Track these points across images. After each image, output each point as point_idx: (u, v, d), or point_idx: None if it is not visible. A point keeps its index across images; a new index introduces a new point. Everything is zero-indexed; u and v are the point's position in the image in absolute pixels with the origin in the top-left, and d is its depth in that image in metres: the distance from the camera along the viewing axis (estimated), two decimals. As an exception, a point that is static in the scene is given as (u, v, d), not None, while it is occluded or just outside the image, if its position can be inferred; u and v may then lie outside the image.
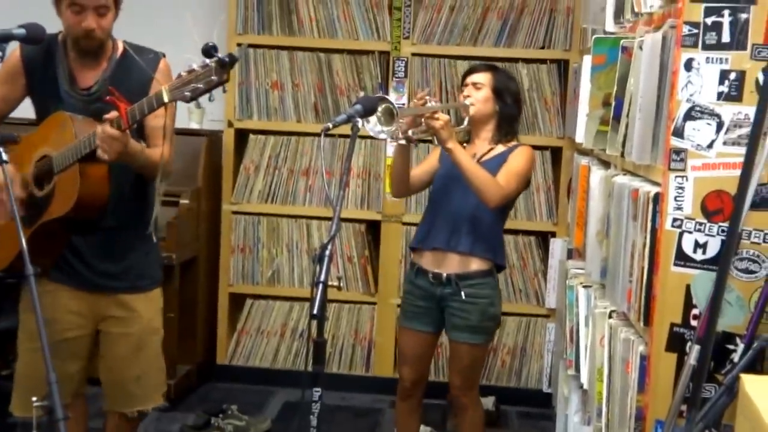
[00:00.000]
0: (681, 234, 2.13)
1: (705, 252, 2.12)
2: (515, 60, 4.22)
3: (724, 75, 2.08)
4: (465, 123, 3.09)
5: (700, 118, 2.10)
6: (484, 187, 2.82)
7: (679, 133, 2.12)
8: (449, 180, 3.00)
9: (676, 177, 2.13)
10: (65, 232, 2.62)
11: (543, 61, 4.27)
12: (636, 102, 2.33)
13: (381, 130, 2.58)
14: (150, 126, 2.62)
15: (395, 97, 4.21)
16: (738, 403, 1.37)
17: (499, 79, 3.07)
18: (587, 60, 3.19)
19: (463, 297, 2.96)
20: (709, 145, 2.11)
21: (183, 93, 2.21)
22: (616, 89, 2.61)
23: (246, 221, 4.44)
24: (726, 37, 2.08)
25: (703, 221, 2.12)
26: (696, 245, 2.13)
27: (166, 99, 2.27)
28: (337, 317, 4.41)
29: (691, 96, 2.10)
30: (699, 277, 2.12)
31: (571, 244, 3.73)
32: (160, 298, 2.85)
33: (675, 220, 2.14)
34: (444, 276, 2.99)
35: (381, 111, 2.58)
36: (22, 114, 2.80)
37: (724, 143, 2.10)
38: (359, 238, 4.38)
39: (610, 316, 2.62)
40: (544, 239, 4.32)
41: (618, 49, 2.60)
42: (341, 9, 4.32)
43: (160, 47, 2.76)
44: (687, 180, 2.12)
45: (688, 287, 2.14)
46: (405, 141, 2.93)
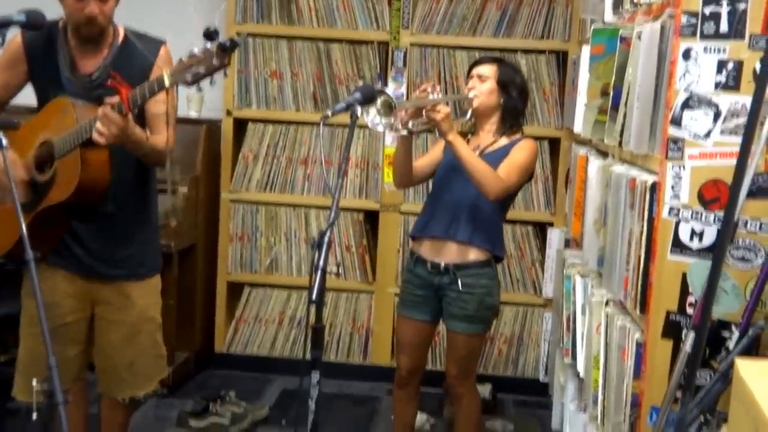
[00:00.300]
0: (678, 223, 2.15)
1: (701, 240, 2.14)
2: (514, 50, 4.23)
3: (722, 65, 2.10)
4: (468, 115, 3.10)
5: (697, 107, 2.12)
6: (484, 180, 2.83)
7: (677, 123, 2.14)
8: (451, 170, 3.01)
9: (673, 166, 2.14)
10: (65, 217, 2.63)
11: (542, 52, 4.27)
12: (634, 91, 2.35)
13: (379, 122, 2.59)
14: (151, 113, 2.63)
15: (394, 87, 4.22)
16: (732, 387, 1.39)
17: (505, 72, 3.07)
18: (586, 50, 3.21)
19: (460, 287, 2.97)
20: (707, 135, 2.12)
21: (184, 77, 2.21)
22: (614, 79, 2.62)
23: (244, 209, 4.45)
24: (724, 27, 2.09)
25: (700, 210, 2.14)
26: (692, 234, 2.15)
27: (167, 83, 2.27)
28: (335, 306, 4.43)
29: (689, 85, 2.12)
30: (695, 266, 2.15)
31: (569, 233, 3.74)
32: (157, 286, 2.86)
33: (672, 208, 2.16)
34: (442, 265, 3.01)
35: (380, 104, 2.59)
36: (23, 101, 2.81)
37: (721, 132, 2.12)
38: (357, 227, 4.40)
39: (606, 304, 2.65)
40: (541, 229, 4.33)
41: (617, 39, 2.62)
42: (340, -2, 4.33)
43: (160, 36, 2.76)
44: (684, 169, 2.14)
45: (684, 275, 2.16)
46: (407, 133, 2.94)
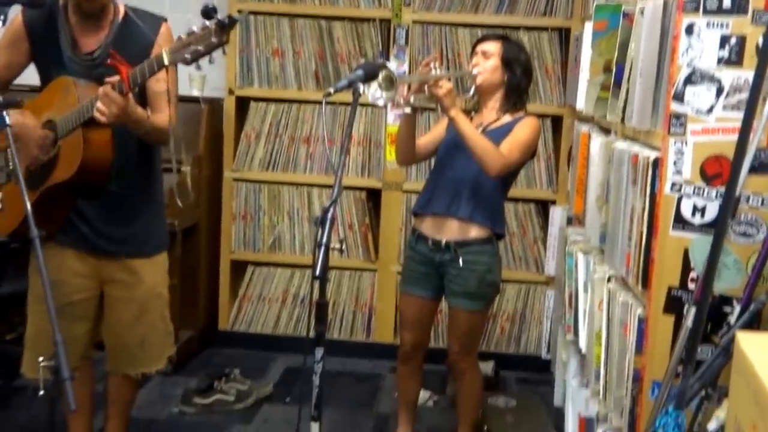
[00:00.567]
0: (680, 198, 2.16)
1: (703, 216, 2.15)
2: (516, 28, 4.21)
3: (724, 40, 2.10)
4: (471, 91, 3.09)
5: (700, 83, 2.12)
6: (485, 156, 2.83)
7: (679, 98, 2.14)
8: (453, 147, 3.01)
9: (675, 142, 2.14)
10: (70, 196, 2.64)
11: (544, 29, 4.26)
12: (637, 67, 2.34)
13: (380, 96, 2.59)
14: (152, 91, 2.63)
15: (396, 65, 4.21)
16: (733, 360, 1.40)
17: (509, 49, 3.06)
18: (588, 27, 3.20)
19: (461, 264, 2.99)
20: (709, 110, 2.12)
21: (183, 55, 2.21)
22: (617, 55, 2.62)
23: (247, 188, 4.45)
24: (727, 2, 2.09)
25: (702, 185, 2.14)
26: (694, 209, 2.16)
27: (166, 61, 2.27)
28: (338, 284, 4.45)
29: (692, 61, 2.12)
30: (697, 241, 2.15)
31: (571, 211, 3.75)
32: (165, 262, 2.88)
33: (674, 184, 2.16)
34: (443, 242, 3.02)
35: (382, 78, 2.59)
36: (26, 80, 2.82)
37: (723, 108, 2.12)
38: (360, 205, 4.40)
39: (608, 280, 2.65)
40: (544, 207, 4.34)
41: (619, 15, 2.61)
42: (342, -24, 4.31)
43: (161, 12, 2.75)
44: (686, 145, 2.14)
45: (686, 251, 2.17)
46: (409, 109, 2.94)
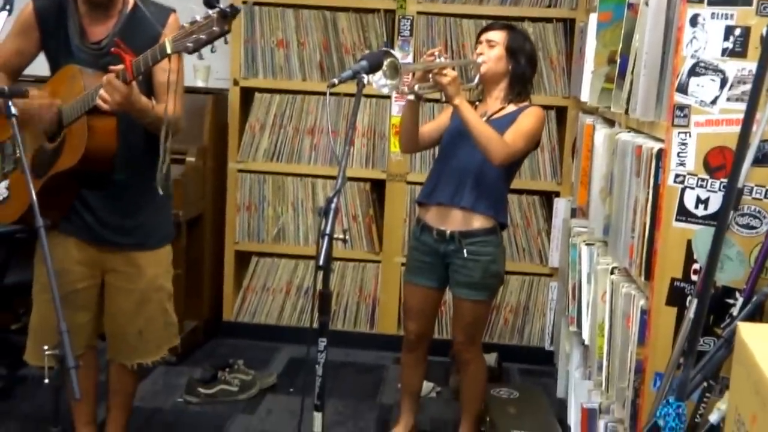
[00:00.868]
0: (683, 190, 2.15)
1: (707, 208, 2.14)
2: (521, 19, 4.20)
3: (729, 31, 2.08)
4: (475, 81, 3.09)
5: (704, 74, 2.11)
6: (489, 144, 2.83)
7: (683, 90, 2.13)
8: (457, 136, 3.01)
9: (679, 133, 2.14)
10: (75, 184, 2.65)
11: (549, 20, 4.25)
12: (641, 58, 2.34)
13: (385, 83, 2.58)
14: (158, 81, 2.63)
15: (401, 56, 4.16)
16: (734, 351, 1.40)
17: (514, 39, 3.05)
18: (593, 18, 3.19)
19: (465, 254, 2.99)
20: (713, 102, 2.12)
21: (185, 44, 2.23)
22: (621, 46, 2.61)
23: (252, 179, 4.46)
24: (732, -7, 2.08)
25: (706, 177, 2.14)
26: (698, 201, 2.15)
27: (169, 50, 2.28)
28: (342, 275, 4.46)
29: (696, 52, 2.11)
30: (700, 233, 2.15)
31: (575, 203, 3.75)
32: (168, 255, 2.88)
33: (677, 176, 2.15)
34: (447, 233, 3.02)
35: (386, 65, 2.59)
36: (36, 71, 2.83)
37: (727, 99, 2.10)
38: (364, 196, 4.41)
39: (612, 272, 2.65)
40: (548, 199, 4.34)
41: (624, 6, 2.61)
42: (347, -34, 4.30)
43: (164, 1, 2.76)
44: (690, 136, 2.13)
45: (689, 242, 2.16)
46: (413, 97, 2.94)
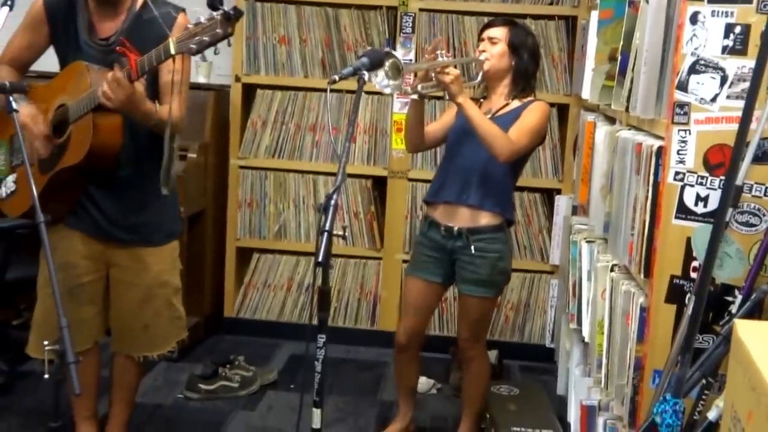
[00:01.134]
0: (683, 187, 2.15)
1: (706, 205, 2.14)
2: (523, 16, 4.20)
3: (729, 28, 2.08)
4: (479, 78, 3.09)
5: (704, 71, 2.11)
6: (493, 142, 2.83)
7: (683, 87, 2.13)
8: (463, 134, 3.02)
9: (679, 130, 2.14)
10: (81, 180, 2.66)
11: (551, 18, 4.25)
12: (641, 56, 2.34)
13: (387, 84, 2.58)
14: (163, 81, 2.64)
15: (402, 53, 4.21)
16: (731, 348, 1.41)
17: (516, 34, 3.05)
18: (595, 15, 3.19)
19: (473, 251, 2.99)
20: (713, 99, 2.12)
21: (189, 45, 2.24)
22: (622, 44, 2.61)
23: (253, 176, 4.46)
24: (732, -9, 2.08)
25: (705, 175, 2.14)
26: (697, 198, 2.15)
27: (172, 51, 2.30)
28: (343, 272, 4.46)
29: (696, 49, 2.11)
30: (699, 230, 2.15)
31: (576, 200, 3.75)
32: (174, 251, 2.89)
33: (677, 173, 2.16)
34: (455, 229, 3.02)
35: (388, 66, 2.59)
36: (44, 67, 2.84)
37: (727, 97, 2.11)
38: (365, 193, 4.41)
39: (612, 269, 2.66)
40: (549, 196, 4.34)
41: (625, 4, 2.61)
42: (349, -37, 4.30)
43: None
44: (690, 134, 2.14)
45: (688, 240, 2.17)
46: (416, 96, 2.94)
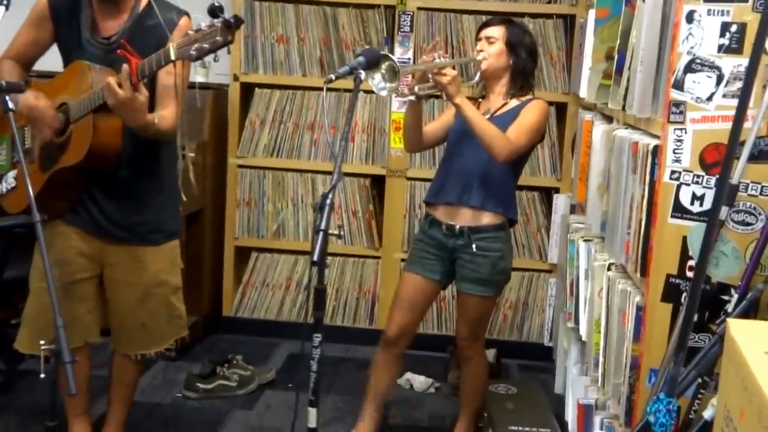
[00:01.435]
0: (679, 186, 2.15)
1: (702, 204, 2.15)
2: (521, 15, 4.20)
3: (725, 27, 2.08)
4: (477, 77, 3.09)
5: (700, 70, 2.11)
6: (492, 142, 2.83)
7: (679, 86, 2.13)
8: (462, 135, 3.01)
9: (675, 129, 2.14)
10: (81, 180, 2.66)
11: (549, 16, 4.25)
12: (637, 55, 2.34)
13: (384, 86, 2.58)
14: (161, 84, 2.63)
15: (401, 52, 4.21)
16: (724, 347, 1.41)
17: (514, 33, 3.05)
18: (592, 14, 3.19)
19: (475, 249, 2.99)
20: (709, 98, 2.12)
21: (189, 52, 2.24)
22: (619, 42, 2.61)
23: (251, 175, 4.46)
24: (728, -11, 2.08)
25: (701, 174, 2.14)
26: (693, 197, 2.15)
27: (172, 56, 2.29)
28: (342, 271, 4.46)
29: (692, 48, 2.11)
30: (695, 229, 2.15)
31: (574, 199, 3.75)
32: (174, 251, 2.88)
33: (673, 172, 2.16)
34: (457, 228, 3.02)
35: (385, 68, 2.58)
36: (47, 67, 2.85)
37: (723, 96, 2.11)
38: (364, 192, 4.41)
39: (608, 268, 2.66)
40: (547, 195, 4.34)
41: (622, 2, 2.60)
42: (347, -38, 4.30)
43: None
44: (686, 132, 2.14)
45: (684, 239, 2.17)
46: (413, 97, 2.93)
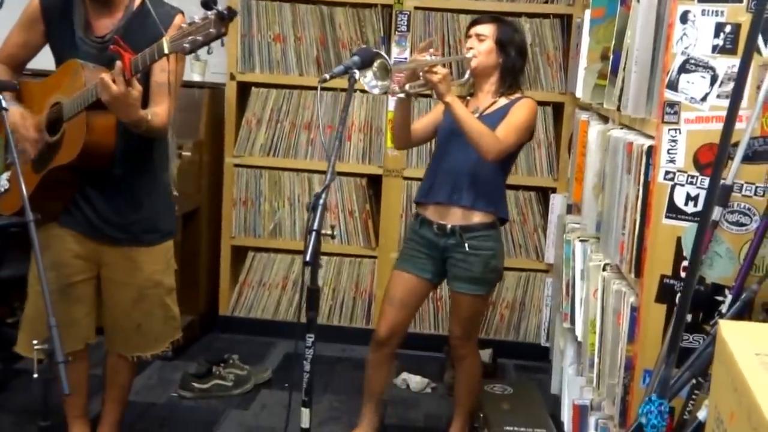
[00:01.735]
0: (673, 187, 2.15)
1: (696, 205, 2.14)
2: (518, 14, 4.19)
3: (719, 27, 2.08)
4: (467, 75, 3.08)
5: (694, 71, 2.11)
6: (481, 141, 2.83)
7: (674, 86, 2.13)
8: (451, 134, 3.01)
9: (669, 130, 2.14)
10: (74, 179, 2.66)
11: (546, 16, 4.24)
12: (632, 55, 2.34)
13: (375, 84, 2.58)
14: (155, 82, 2.62)
15: (398, 51, 4.21)
16: (715, 349, 1.40)
17: (504, 31, 3.05)
18: (588, 14, 3.18)
19: (467, 248, 2.98)
20: (703, 98, 2.11)
21: (182, 45, 2.23)
22: (614, 43, 2.61)
23: (248, 174, 4.46)
24: (723, -10, 2.07)
25: (695, 174, 2.14)
26: (687, 198, 2.15)
27: (166, 50, 2.28)
28: (338, 271, 4.46)
29: (686, 49, 2.10)
30: (690, 230, 2.14)
31: (571, 199, 3.75)
32: (168, 251, 2.88)
33: (667, 173, 2.15)
34: (448, 227, 3.02)
35: (376, 66, 2.58)
36: (41, 65, 2.84)
37: (717, 96, 2.10)
38: (360, 192, 4.41)
39: (604, 268, 2.65)
40: (544, 195, 4.34)
41: (617, 2, 2.60)
42: (344, -39, 4.30)
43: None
44: (680, 133, 2.13)
45: (679, 239, 2.16)
46: (403, 95, 2.93)
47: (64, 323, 2.11)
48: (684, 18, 2.09)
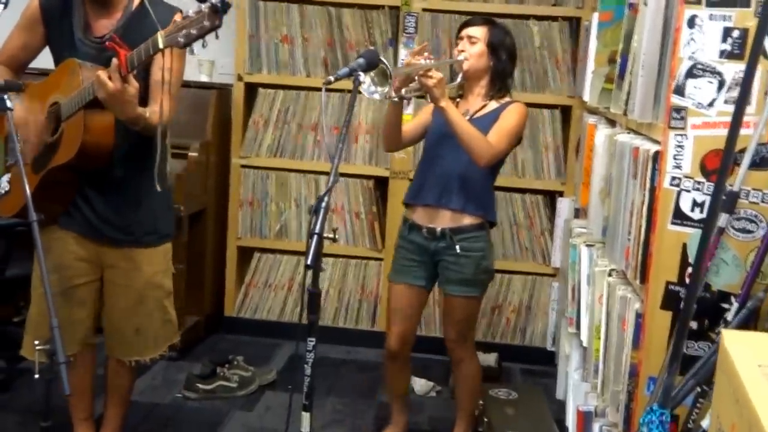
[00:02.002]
0: (679, 193, 2.13)
1: (702, 211, 2.12)
2: (527, 17, 4.18)
3: (727, 32, 2.06)
4: (459, 78, 3.06)
5: (701, 76, 2.09)
6: (474, 146, 2.82)
7: (680, 91, 2.11)
8: (442, 137, 3.00)
9: (675, 135, 2.12)
10: (73, 179, 2.65)
11: (555, 18, 4.22)
12: (639, 59, 2.32)
13: (375, 90, 2.56)
14: (154, 80, 2.61)
15: (405, 53, 4.19)
16: (718, 358, 1.39)
17: (495, 34, 3.03)
18: (596, 17, 3.17)
19: (458, 250, 2.98)
20: (710, 104, 2.09)
21: (177, 38, 2.21)
22: (621, 46, 2.59)
23: (255, 175, 4.45)
24: (730, -6, 2.05)
25: (702, 180, 2.12)
26: (694, 204, 2.13)
27: (161, 44, 2.26)
28: (344, 273, 4.45)
29: (693, 53, 2.08)
30: (696, 236, 2.12)
31: (578, 203, 3.73)
32: (167, 253, 2.87)
33: (674, 178, 2.13)
34: (438, 230, 3.01)
35: (375, 72, 2.56)
36: (39, 64, 2.84)
37: (725, 102, 2.08)
38: (367, 194, 4.39)
39: (609, 274, 2.64)
40: (551, 198, 4.31)
41: (625, 6, 2.58)
42: (352, -38, 4.28)
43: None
44: (687, 138, 2.11)
45: (684, 246, 2.14)
46: (398, 99, 2.91)
47: (66, 326, 2.11)
48: (691, 22, 2.07)
